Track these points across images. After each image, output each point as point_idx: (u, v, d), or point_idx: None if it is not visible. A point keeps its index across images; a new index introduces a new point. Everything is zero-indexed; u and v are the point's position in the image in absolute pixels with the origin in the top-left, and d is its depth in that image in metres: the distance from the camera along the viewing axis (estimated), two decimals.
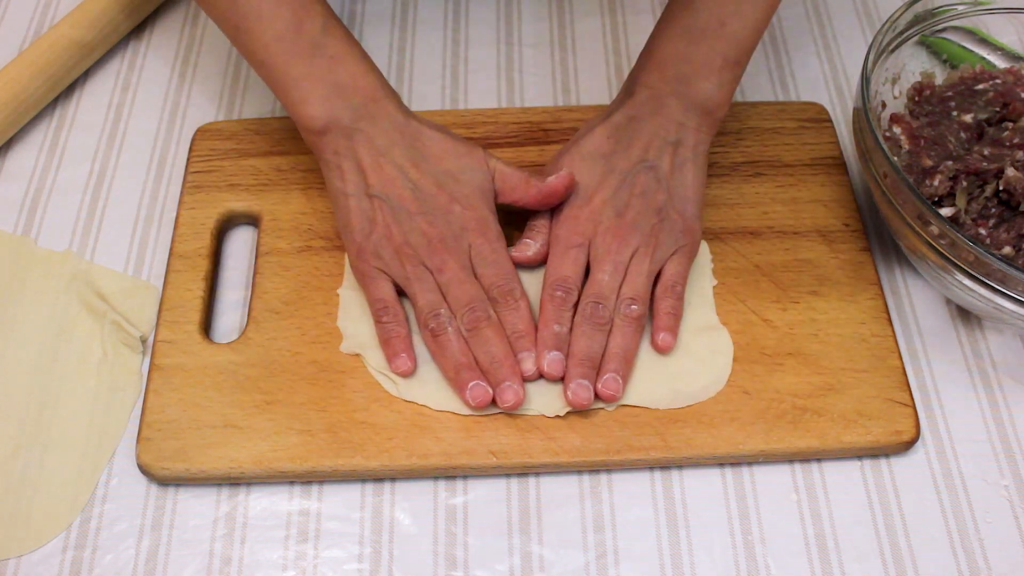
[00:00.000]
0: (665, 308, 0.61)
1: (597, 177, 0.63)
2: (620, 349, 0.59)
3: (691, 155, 0.64)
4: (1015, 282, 0.56)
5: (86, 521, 0.57)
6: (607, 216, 0.62)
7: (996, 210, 0.63)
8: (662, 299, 0.61)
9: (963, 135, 0.66)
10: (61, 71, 0.74)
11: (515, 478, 0.59)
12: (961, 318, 0.66)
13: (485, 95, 0.77)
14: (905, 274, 0.68)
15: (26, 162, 0.72)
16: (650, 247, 0.61)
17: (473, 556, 0.57)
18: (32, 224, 0.69)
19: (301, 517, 0.58)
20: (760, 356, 0.62)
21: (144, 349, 0.64)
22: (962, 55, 0.71)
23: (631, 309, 0.60)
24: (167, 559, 0.56)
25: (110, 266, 0.67)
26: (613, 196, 0.62)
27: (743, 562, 0.56)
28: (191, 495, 0.59)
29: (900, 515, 0.58)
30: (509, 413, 0.59)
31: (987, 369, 0.64)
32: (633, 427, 0.59)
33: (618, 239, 0.61)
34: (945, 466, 0.60)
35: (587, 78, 0.78)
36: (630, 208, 0.62)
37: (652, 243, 0.61)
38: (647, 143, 0.63)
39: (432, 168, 0.61)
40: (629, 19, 0.82)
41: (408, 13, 0.82)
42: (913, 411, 0.60)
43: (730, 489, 0.59)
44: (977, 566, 0.57)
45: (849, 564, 0.57)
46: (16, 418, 0.60)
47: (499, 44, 0.80)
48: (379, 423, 0.59)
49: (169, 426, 0.59)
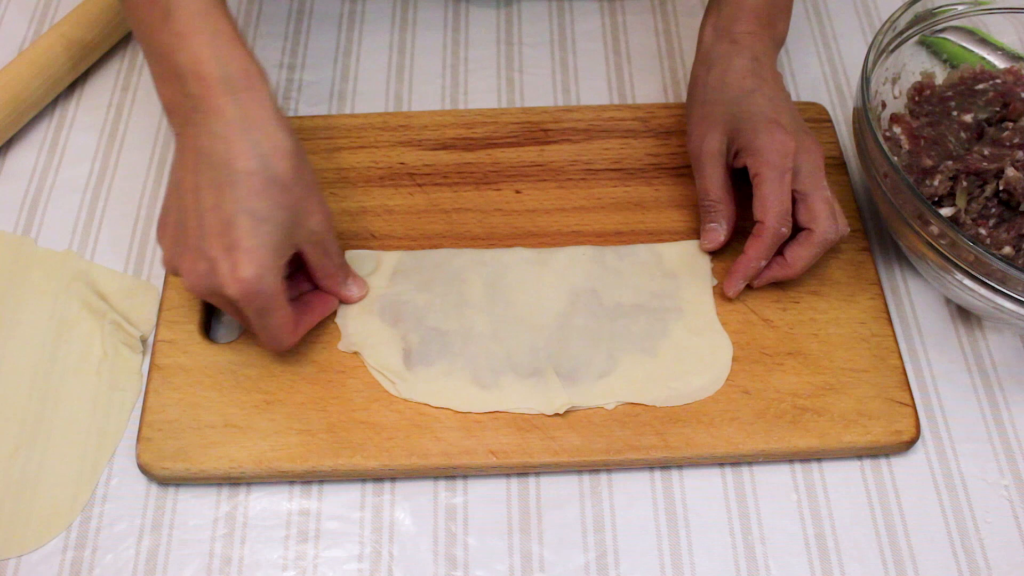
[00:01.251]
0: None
1: (767, 108, 0.63)
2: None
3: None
4: (1015, 282, 0.56)
5: (86, 521, 0.57)
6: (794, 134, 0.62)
7: (996, 210, 0.63)
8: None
9: (963, 135, 0.66)
10: (61, 71, 0.74)
11: (515, 478, 0.59)
12: (961, 318, 0.66)
13: (485, 95, 0.77)
14: (905, 274, 0.68)
15: (26, 162, 0.72)
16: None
17: (473, 556, 0.57)
18: (32, 224, 0.69)
19: (301, 517, 0.58)
20: (760, 356, 0.62)
21: (144, 349, 0.64)
22: (962, 55, 0.71)
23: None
24: (167, 559, 0.56)
25: (110, 266, 0.67)
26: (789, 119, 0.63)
27: (743, 562, 0.56)
28: (191, 495, 0.59)
29: (900, 515, 0.58)
30: (509, 412, 0.59)
31: (987, 369, 0.64)
32: (633, 427, 0.59)
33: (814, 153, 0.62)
34: (945, 466, 0.60)
35: (587, 78, 0.78)
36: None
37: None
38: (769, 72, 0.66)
39: (233, 201, 0.53)
40: (629, 19, 0.82)
41: (408, 13, 0.82)
42: (913, 411, 0.60)
43: (730, 489, 0.59)
44: (977, 566, 0.57)
45: (849, 564, 0.57)
46: (16, 418, 0.60)
47: (499, 44, 0.80)
48: (379, 423, 0.59)
49: (169, 426, 0.59)
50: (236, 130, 0.54)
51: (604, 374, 0.61)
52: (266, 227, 0.54)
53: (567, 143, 0.72)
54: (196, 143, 0.54)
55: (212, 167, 0.54)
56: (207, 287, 0.55)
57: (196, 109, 0.54)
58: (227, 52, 0.54)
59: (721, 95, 0.64)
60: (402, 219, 0.68)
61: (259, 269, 0.54)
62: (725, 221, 0.64)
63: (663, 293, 0.64)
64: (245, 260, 0.53)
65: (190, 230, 0.55)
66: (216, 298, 0.56)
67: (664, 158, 0.71)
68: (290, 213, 0.55)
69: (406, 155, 0.71)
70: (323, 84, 0.77)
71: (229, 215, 0.53)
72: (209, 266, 0.54)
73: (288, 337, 0.58)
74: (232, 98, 0.54)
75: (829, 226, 0.61)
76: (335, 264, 0.61)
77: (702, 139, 0.64)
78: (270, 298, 0.55)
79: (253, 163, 0.54)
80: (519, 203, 0.69)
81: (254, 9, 0.82)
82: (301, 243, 0.57)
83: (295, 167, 0.55)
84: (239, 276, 0.53)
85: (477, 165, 0.71)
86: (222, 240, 0.53)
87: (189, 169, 0.55)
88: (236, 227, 0.53)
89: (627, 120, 0.73)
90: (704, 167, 0.64)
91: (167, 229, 0.57)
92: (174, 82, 0.55)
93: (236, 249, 0.53)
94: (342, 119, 0.73)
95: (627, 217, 0.68)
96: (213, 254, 0.54)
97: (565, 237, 0.67)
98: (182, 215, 0.55)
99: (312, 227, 0.57)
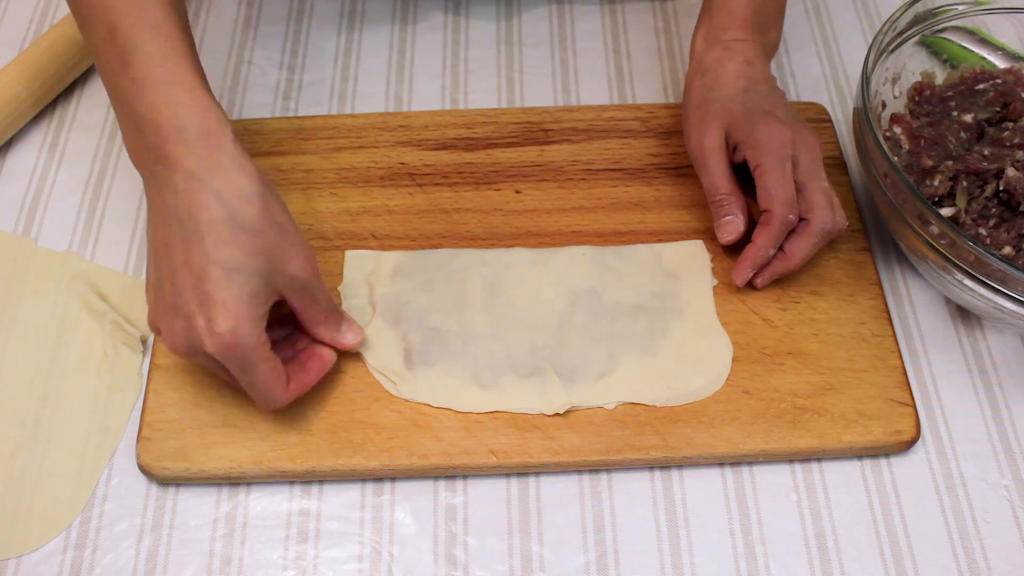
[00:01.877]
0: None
1: (761, 102, 0.63)
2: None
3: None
4: (1015, 282, 0.56)
5: (86, 521, 0.57)
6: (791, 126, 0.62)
7: (996, 210, 0.63)
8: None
9: (963, 135, 0.66)
10: (61, 71, 0.74)
11: (515, 478, 0.59)
12: (961, 318, 0.66)
13: (485, 95, 0.77)
14: (905, 274, 0.68)
15: (26, 162, 0.72)
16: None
17: (473, 556, 0.57)
18: (32, 224, 0.69)
19: (301, 517, 0.58)
20: (760, 356, 0.62)
21: (144, 349, 0.64)
22: (962, 55, 0.71)
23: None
24: (167, 559, 0.56)
25: (110, 266, 0.67)
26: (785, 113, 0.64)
27: (743, 562, 0.56)
28: (191, 495, 0.58)
29: (900, 515, 0.58)
30: (509, 412, 0.59)
31: (987, 369, 0.64)
32: (633, 427, 0.59)
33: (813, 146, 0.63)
34: (945, 466, 0.60)
35: (587, 78, 0.78)
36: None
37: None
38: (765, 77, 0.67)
39: (201, 254, 0.51)
40: (629, 19, 0.82)
41: (408, 13, 0.82)
42: (913, 411, 0.60)
43: (730, 489, 0.59)
44: (977, 566, 0.57)
45: (849, 564, 0.57)
46: (16, 418, 0.60)
47: (499, 44, 0.80)
48: (379, 423, 0.59)
49: (169, 426, 0.59)
50: (196, 181, 0.52)
51: (604, 374, 0.61)
52: (239, 277, 0.51)
53: (567, 143, 0.72)
54: (161, 197, 0.53)
55: (178, 220, 0.52)
56: (187, 345, 0.53)
57: (156, 160, 0.53)
58: (183, 100, 0.52)
59: (716, 94, 0.65)
60: (402, 219, 0.68)
61: (234, 321, 0.51)
62: (740, 212, 0.63)
63: (663, 293, 0.64)
64: (220, 313, 0.51)
65: (165, 287, 0.53)
66: (198, 356, 0.54)
67: (664, 158, 0.71)
68: (264, 259, 0.52)
69: (406, 155, 0.71)
70: (323, 84, 0.78)
71: (199, 268, 0.51)
72: (186, 323, 0.52)
73: (279, 393, 0.55)
74: (188, 148, 0.52)
75: (827, 216, 0.61)
76: (324, 310, 0.57)
77: (701, 138, 0.64)
78: (251, 350, 0.52)
79: (217, 211, 0.51)
80: (519, 203, 0.69)
81: (254, 9, 0.82)
82: (282, 289, 0.54)
83: (263, 211, 0.53)
84: (215, 330, 0.51)
85: (477, 165, 0.71)
86: (195, 295, 0.51)
87: (159, 224, 0.53)
88: (207, 280, 0.51)
89: (627, 120, 0.73)
90: (708, 164, 0.64)
91: (149, 288, 0.55)
92: (135, 131, 0.53)
93: (210, 303, 0.51)
94: (342, 119, 0.73)
95: (627, 217, 0.68)
96: (188, 310, 0.52)
97: (565, 237, 0.67)
98: (158, 272, 0.54)
99: (292, 272, 0.54)
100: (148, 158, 0.53)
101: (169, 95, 0.52)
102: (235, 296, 0.51)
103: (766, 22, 0.68)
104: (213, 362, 0.54)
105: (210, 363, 0.54)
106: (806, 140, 0.62)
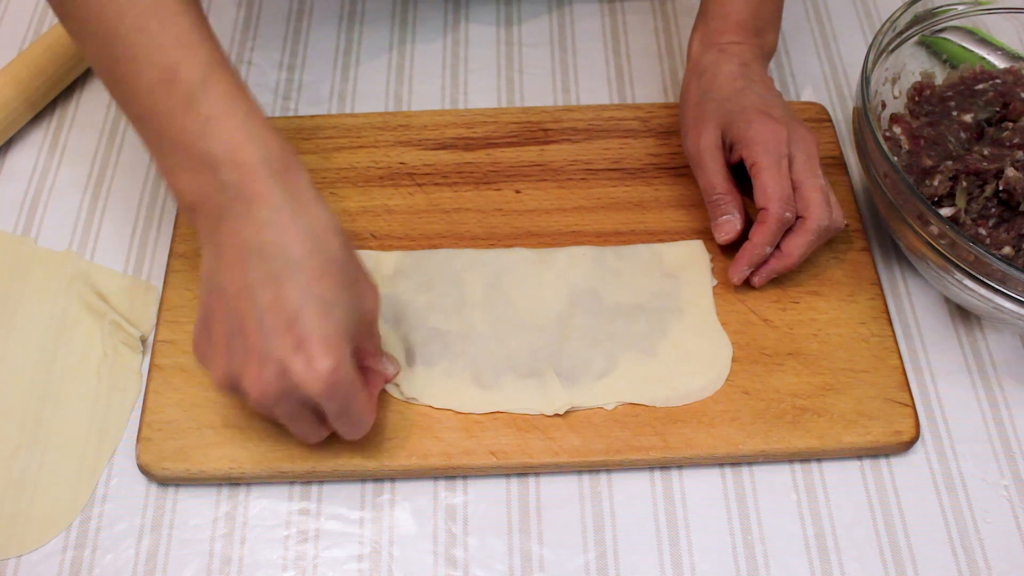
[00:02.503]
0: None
1: (757, 102, 0.63)
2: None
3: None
4: (1015, 282, 0.56)
5: (86, 521, 0.57)
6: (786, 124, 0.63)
7: (996, 210, 0.63)
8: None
9: (963, 135, 0.66)
10: (61, 71, 0.74)
11: (515, 478, 0.59)
12: (961, 318, 0.66)
13: (485, 95, 0.77)
14: (905, 274, 0.68)
15: (26, 162, 0.72)
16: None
17: (473, 556, 0.57)
18: (32, 224, 0.69)
19: (301, 517, 0.58)
20: (760, 356, 0.62)
21: (144, 349, 0.64)
22: (962, 55, 0.71)
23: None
24: (167, 559, 0.56)
25: (110, 266, 0.67)
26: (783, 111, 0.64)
27: (743, 562, 0.56)
28: (191, 495, 0.58)
29: (900, 515, 0.58)
30: (509, 413, 0.59)
31: (987, 369, 0.64)
32: (633, 427, 0.59)
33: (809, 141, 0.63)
34: (945, 466, 0.60)
35: (587, 78, 0.78)
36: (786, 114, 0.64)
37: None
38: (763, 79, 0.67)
39: (295, 292, 0.49)
40: (629, 19, 0.82)
41: (408, 13, 0.82)
42: (913, 411, 0.60)
43: (730, 489, 0.59)
44: (977, 566, 0.57)
45: (849, 564, 0.57)
46: (16, 418, 0.60)
47: (499, 44, 0.80)
48: (379, 423, 0.59)
49: (169, 426, 0.59)
50: (286, 215, 0.49)
51: (604, 374, 0.61)
52: (337, 311, 0.49)
53: (567, 143, 0.72)
54: (239, 238, 0.50)
55: (264, 259, 0.49)
56: (278, 393, 0.50)
57: (237, 199, 0.50)
58: (264, 133, 0.50)
59: (712, 95, 0.65)
60: (402, 219, 0.68)
61: (336, 359, 0.49)
62: (737, 211, 0.64)
63: (663, 293, 0.64)
64: (321, 352, 0.48)
65: (250, 335, 0.49)
66: (286, 404, 0.51)
67: (664, 158, 0.71)
68: (352, 293, 0.51)
69: (406, 155, 0.71)
70: (323, 84, 0.77)
71: (294, 307, 0.49)
72: (278, 368, 0.49)
73: (370, 419, 0.54)
74: (274, 181, 0.50)
75: (823, 214, 0.61)
76: (377, 344, 0.56)
77: (698, 137, 0.64)
78: (351, 385, 0.50)
79: (309, 245, 0.49)
80: (519, 203, 0.69)
81: (254, 9, 0.82)
82: (358, 322, 0.52)
83: (345, 243, 0.52)
84: (317, 370, 0.48)
85: (477, 165, 0.71)
86: (290, 337, 0.49)
87: (232, 265, 0.50)
88: (304, 318, 0.48)
89: (627, 120, 0.73)
90: (704, 163, 0.64)
91: (213, 346, 0.52)
92: (202, 172, 0.50)
93: (309, 342, 0.48)
94: (342, 119, 0.73)
95: (627, 217, 0.68)
96: (280, 354, 0.49)
97: (565, 237, 0.67)
98: (236, 322, 0.50)
99: (368, 305, 0.53)
100: (221, 198, 0.50)
101: (249, 130, 0.50)
102: (334, 332, 0.49)
103: (762, 25, 0.68)
104: (300, 407, 0.51)
105: (293, 408, 0.52)
106: (802, 138, 0.62)
